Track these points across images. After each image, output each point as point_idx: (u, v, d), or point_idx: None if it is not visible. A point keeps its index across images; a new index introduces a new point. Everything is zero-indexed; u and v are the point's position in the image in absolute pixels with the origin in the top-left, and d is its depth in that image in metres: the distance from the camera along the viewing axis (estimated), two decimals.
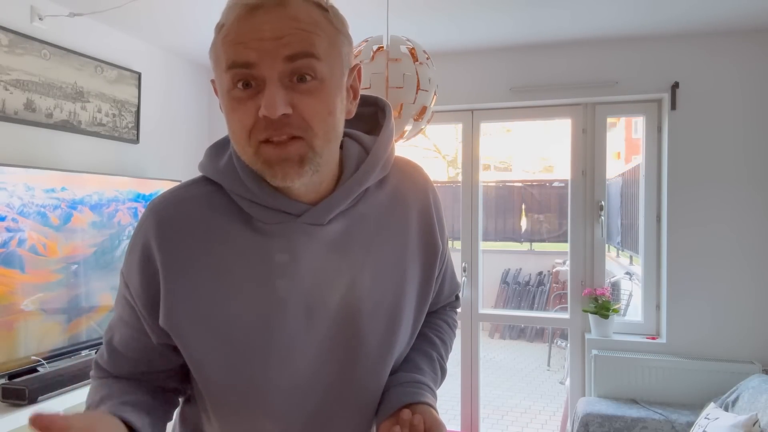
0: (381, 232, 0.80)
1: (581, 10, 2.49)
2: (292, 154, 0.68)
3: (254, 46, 0.66)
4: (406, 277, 0.82)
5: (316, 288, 0.76)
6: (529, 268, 7.39)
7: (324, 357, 0.77)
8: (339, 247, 0.77)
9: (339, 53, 0.72)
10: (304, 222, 0.75)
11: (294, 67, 0.67)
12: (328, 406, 0.79)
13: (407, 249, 0.83)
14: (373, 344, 0.79)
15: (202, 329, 0.74)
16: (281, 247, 0.74)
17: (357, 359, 0.78)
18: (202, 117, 3.50)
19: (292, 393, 0.77)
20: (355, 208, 0.79)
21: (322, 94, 0.68)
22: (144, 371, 0.83)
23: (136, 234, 0.77)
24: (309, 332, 0.76)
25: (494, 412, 4.58)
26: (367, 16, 2.49)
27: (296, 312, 0.75)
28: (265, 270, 0.74)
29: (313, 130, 0.68)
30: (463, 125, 3.23)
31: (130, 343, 0.81)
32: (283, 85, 0.67)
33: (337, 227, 0.77)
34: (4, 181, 1.96)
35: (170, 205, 0.76)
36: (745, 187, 2.76)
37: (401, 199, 0.84)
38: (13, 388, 1.89)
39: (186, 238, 0.74)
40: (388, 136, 0.83)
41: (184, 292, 0.74)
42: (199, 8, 2.50)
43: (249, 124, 0.68)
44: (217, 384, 0.77)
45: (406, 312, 0.83)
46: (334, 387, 0.79)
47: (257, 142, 0.68)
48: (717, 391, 2.66)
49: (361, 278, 0.78)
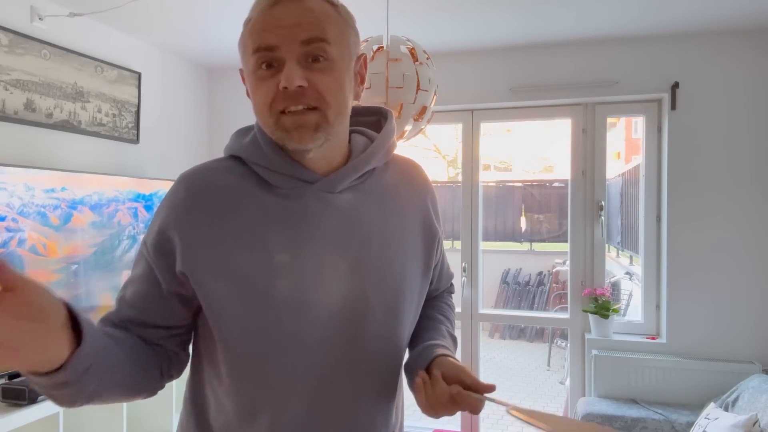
0: (386, 207, 0.89)
1: (581, 10, 2.49)
2: (309, 122, 0.78)
3: (276, 33, 0.77)
4: (408, 251, 0.90)
5: (329, 248, 0.83)
6: (529, 268, 7.39)
7: (335, 315, 0.83)
8: (349, 215, 0.85)
9: (347, 41, 0.83)
10: (317, 189, 0.83)
11: (309, 50, 0.78)
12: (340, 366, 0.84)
13: (409, 227, 0.92)
14: (379, 308, 0.86)
15: (221, 276, 0.80)
16: (297, 208, 0.82)
17: (365, 321, 0.85)
18: (202, 117, 3.50)
19: (305, 347, 0.82)
20: (363, 185, 0.88)
21: (333, 72, 0.79)
22: (146, 321, 0.85)
23: (166, 198, 0.85)
24: (321, 289, 0.82)
25: (494, 412, 4.58)
26: (368, 16, 2.49)
27: (310, 269, 0.81)
28: (282, 229, 0.81)
29: (326, 101, 0.79)
30: (463, 125, 3.23)
31: (140, 294, 0.84)
32: (300, 65, 0.77)
33: (347, 197, 0.86)
34: (4, 181, 1.96)
35: (198, 172, 0.85)
36: (745, 187, 2.76)
37: (404, 184, 0.94)
38: (13, 388, 1.89)
39: (212, 199, 0.82)
40: (390, 129, 0.93)
41: (206, 243, 0.80)
42: (198, 8, 2.50)
43: (270, 97, 0.78)
44: (232, 329, 0.81)
45: (410, 282, 0.90)
46: (345, 346, 0.84)
47: (277, 112, 0.78)
48: (717, 391, 2.67)
49: (369, 245, 0.85)
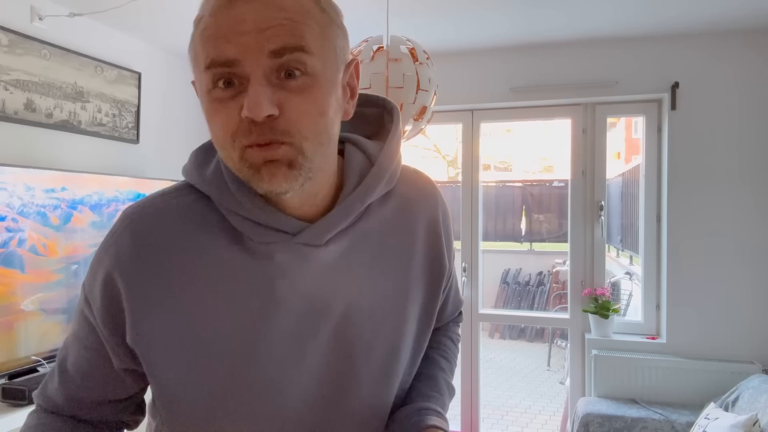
0: (384, 252, 0.73)
1: (581, 10, 2.49)
2: (281, 157, 0.60)
3: (235, 41, 0.57)
4: (408, 300, 0.75)
5: (309, 315, 0.68)
6: (529, 268, 7.39)
7: (312, 392, 0.70)
8: (337, 270, 0.69)
9: (333, 46, 0.63)
10: (299, 242, 0.66)
11: (281, 63, 0.58)
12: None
13: (411, 270, 0.76)
14: (367, 375, 0.72)
15: (177, 357, 0.66)
16: (273, 270, 0.66)
17: (349, 389, 0.72)
18: (202, 117, 3.48)
19: (276, 427, 0.70)
20: (356, 226, 0.70)
21: (313, 91, 0.60)
22: (95, 401, 0.74)
23: (107, 245, 0.68)
24: (299, 364, 0.69)
25: (494, 412, 4.58)
26: (367, 16, 2.49)
27: (285, 343, 0.68)
28: (253, 295, 0.67)
29: (302, 133, 0.60)
30: (463, 125, 3.23)
31: (86, 365, 0.73)
32: (269, 83, 0.58)
33: (336, 248, 0.69)
34: (4, 181, 1.96)
35: (147, 216, 0.68)
36: (745, 187, 2.76)
37: (408, 214, 0.76)
38: (13, 388, 1.89)
39: (163, 257, 0.66)
40: (396, 144, 0.74)
41: (158, 315, 0.66)
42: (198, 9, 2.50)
43: (232, 127, 0.60)
44: (188, 416, 0.69)
45: (408, 337, 0.76)
46: (322, 415, 0.71)
47: (242, 146, 0.60)
48: (717, 391, 2.66)
49: (359, 304, 0.71)
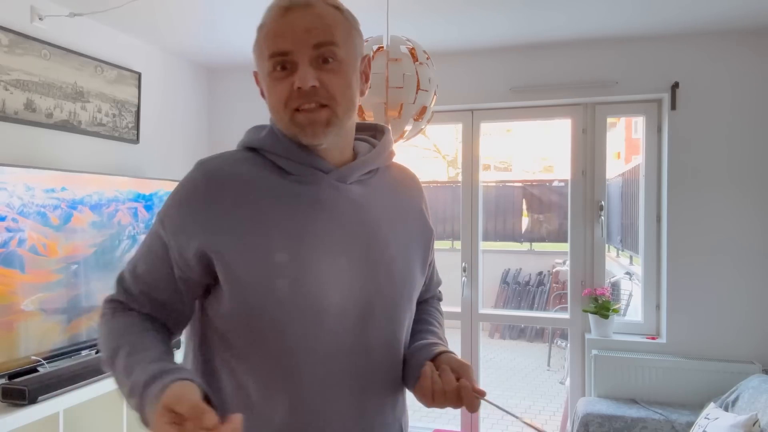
0: (390, 202, 0.98)
1: (581, 11, 2.49)
2: (321, 118, 0.86)
3: (289, 38, 0.85)
4: (411, 244, 0.98)
5: (342, 232, 0.89)
6: (529, 268, 7.39)
7: (347, 285, 0.88)
8: (359, 204, 0.92)
9: (353, 43, 0.91)
10: (331, 178, 0.91)
11: (320, 53, 0.85)
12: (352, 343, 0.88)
13: (410, 222, 1.00)
14: (388, 292, 0.92)
15: (244, 253, 0.84)
16: (313, 195, 0.89)
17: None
18: (202, 117, 3.50)
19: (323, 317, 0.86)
20: (370, 180, 0.96)
21: (341, 72, 0.87)
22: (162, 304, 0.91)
23: (184, 180, 0.89)
24: (337, 281, 0.87)
25: (494, 412, 4.58)
26: (367, 16, 2.49)
27: (325, 251, 0.87)
28: (299, 212, 0.87)
29: (336, 99, 0.86)
30: (463, 125, 3.23)
31: (154, 272, 0.90)
32: (312, 66, 0.85)
33: (358, 190, 0.93)
34: (4, 181, 1.96)
35: (216, 159, 0.90)
36: (745, 187, 2.76)
37: (403, 186, 1.03)
38: (13, 388, 1.89)
39: (230, 183, 0.87)
40: (389, 140, 1.03)
41: (226, 224, 0.85)
42: (198, 9, 2.50)
43: (285, 96, 0.86)
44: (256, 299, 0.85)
45: (411, 276, 0.96)
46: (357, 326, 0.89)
47: (292, 110, 0.86)
48: (717, 391, 2.67)
49: (378, 235, 0.92)
